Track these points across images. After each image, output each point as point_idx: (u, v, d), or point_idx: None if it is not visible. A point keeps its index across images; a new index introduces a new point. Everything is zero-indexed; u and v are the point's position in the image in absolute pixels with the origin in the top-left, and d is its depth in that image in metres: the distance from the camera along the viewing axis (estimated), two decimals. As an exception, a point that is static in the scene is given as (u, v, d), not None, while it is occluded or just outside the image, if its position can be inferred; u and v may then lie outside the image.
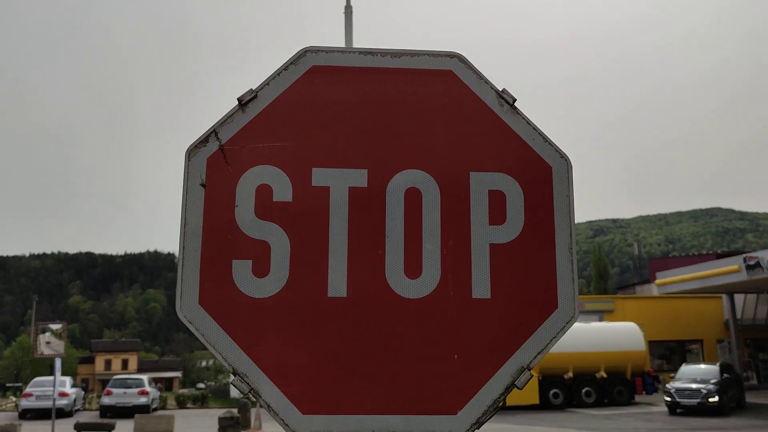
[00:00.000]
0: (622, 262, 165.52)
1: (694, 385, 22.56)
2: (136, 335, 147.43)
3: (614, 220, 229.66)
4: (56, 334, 20.22)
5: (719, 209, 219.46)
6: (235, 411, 4.83)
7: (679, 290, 32.37)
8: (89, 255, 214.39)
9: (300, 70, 1.30)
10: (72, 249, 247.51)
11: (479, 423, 1.17)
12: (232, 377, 1.16)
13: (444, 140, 1.31)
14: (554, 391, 27.35)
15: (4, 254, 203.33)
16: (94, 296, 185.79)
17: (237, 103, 1.28)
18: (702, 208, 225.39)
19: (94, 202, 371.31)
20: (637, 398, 28.46)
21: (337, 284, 1.22)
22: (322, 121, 1.30)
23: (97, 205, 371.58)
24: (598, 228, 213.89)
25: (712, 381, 22.98)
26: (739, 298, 34.16)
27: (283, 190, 1.25)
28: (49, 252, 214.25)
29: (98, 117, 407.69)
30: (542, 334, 1.22)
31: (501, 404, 1.17)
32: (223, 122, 1.27)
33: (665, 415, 23.90)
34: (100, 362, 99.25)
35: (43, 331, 20.24)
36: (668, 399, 23.11)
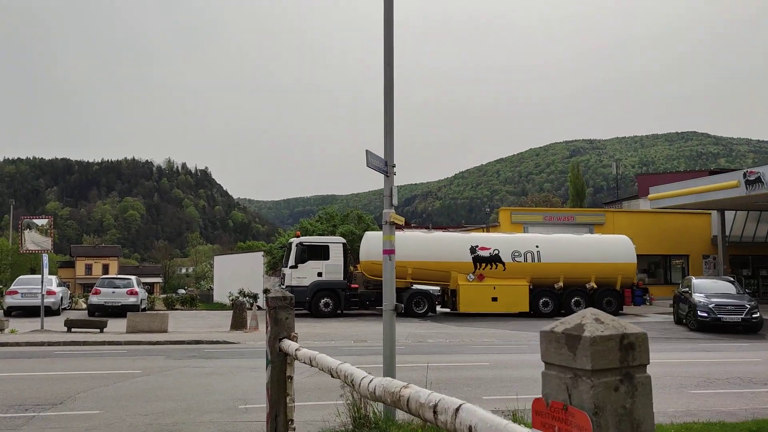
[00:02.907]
0: (596, 182, 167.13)
1: (734, 301, 20.79)
2: (115, 242, 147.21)
3: (590, 141, 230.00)
4: (42, 231, 19.44)
5: (695, 133, 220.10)
6: (287, 291, 4.29)
7: (672, 205, 32.28)
8: (65, 161, 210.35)
9: None
10: (47, 155, 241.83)
11: None
12: None
13: None
14: (544, 299, 27.53)
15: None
16: (71, 203, 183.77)
17: None
18: (678, 131, 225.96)
19: (69, 106, 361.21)
20: (626, 309, 28.81)
21: None
22: None
23: (73, 110, 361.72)
24: (575, 148, 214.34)
25: (747, 296, 21.46)
26: (728, 215, 34.25)
27: None
28: (24, 157, 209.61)
29: (81, 14, 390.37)
30: None
31: None
32: None
33: (656, 324, 24.15)
34: (80, 267, 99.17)
35: (28, 227, 19.43)
36: (704, 315, 20.51)
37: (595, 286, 27.74)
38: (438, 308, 29.32)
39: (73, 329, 18.39)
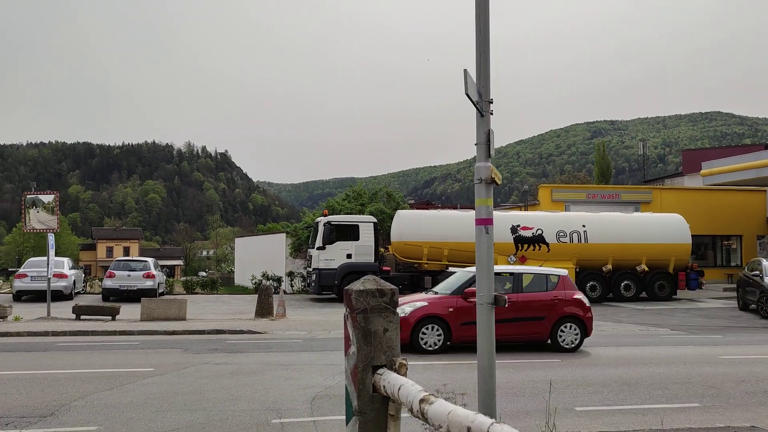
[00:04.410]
0: (618, 163, 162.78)
1: None
2: (137, 225, 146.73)
3: (612, 122, 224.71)
4: (47, 208, 17.69)
5: (719, 113, 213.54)
6: (385, 282, 2.75)
7: (727, 181, 29.82)
8: (87, 145, 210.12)
9: None
10: (69, 139, 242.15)
11: None
12: None
13: None
14: (591, 283, 25.38)
15: (1, 143, 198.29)
16: (93, 186, 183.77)
17: None
18: (702, 111, 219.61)
19: (90, 90, 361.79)
20: (679, 294, 26.54)
21: None
22: None
23: (93, 94, 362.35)
24: (596, 129, 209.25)
25: None
26: (786, 192, 31.75)
27: None
28: (46, 141, 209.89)
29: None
30: None
31: None
32: None
33: (720, 310, 21.97)
34: (101, 249, 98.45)
35: (33, 204, 17.69)
36: None
37: (647, 268, 25.55)
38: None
39: (81, 317, 16.66)
